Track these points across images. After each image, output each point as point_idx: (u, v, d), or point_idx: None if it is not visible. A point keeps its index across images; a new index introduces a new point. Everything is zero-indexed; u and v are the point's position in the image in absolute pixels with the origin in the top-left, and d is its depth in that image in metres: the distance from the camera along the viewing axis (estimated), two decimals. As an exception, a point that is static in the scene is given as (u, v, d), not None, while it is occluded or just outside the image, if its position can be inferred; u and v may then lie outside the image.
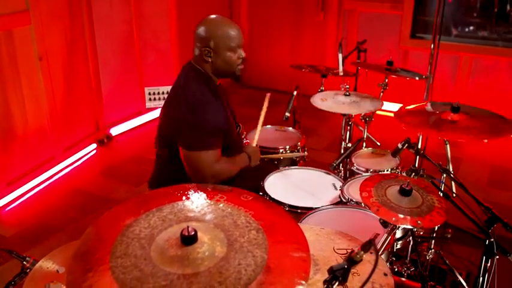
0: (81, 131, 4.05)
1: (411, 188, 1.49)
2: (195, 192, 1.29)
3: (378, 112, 4.33)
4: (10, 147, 3.31)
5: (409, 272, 2.21)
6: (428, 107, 2.31)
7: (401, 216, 1.41)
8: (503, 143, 4.46)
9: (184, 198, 1.25)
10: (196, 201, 1.25)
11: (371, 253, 1.40)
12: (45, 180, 3.59)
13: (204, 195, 1.27)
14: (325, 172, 2.36)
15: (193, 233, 1.06)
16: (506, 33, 4.90)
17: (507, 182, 3.69)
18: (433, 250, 2.37)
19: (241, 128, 2.25)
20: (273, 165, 2.49)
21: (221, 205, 1.23)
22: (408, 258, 2.26)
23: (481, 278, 1.72)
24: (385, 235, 1.53)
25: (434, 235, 2.30)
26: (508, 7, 5.07)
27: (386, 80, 3.04)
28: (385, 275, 1.30)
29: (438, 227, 2.44)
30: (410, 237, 2.09)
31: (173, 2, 4.58)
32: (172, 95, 2.06)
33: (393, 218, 1.40)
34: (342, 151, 2.79)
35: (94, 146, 4.17)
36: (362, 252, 1.01)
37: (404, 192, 1.49)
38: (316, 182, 2.27)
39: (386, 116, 5.06)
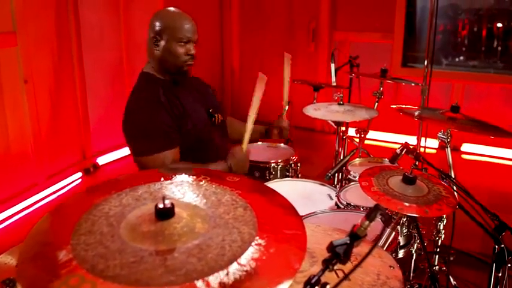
0: (67, 159, 3.89)
1: (415, 176, 1.36)
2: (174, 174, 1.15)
3: (368, 142, 4.26)
4: (-11, 171, 3.15)
5: (413, 289, 2.04)
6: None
7: (406, 204, 1.27)
8: (499, 169, 4.40)
9: (162, 178, 1.11)
10: (175, 181, 1.10)
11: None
12: (26, 207, 3.40)
13: (185, 176, 1.13)
14: (319, 183, 2.22)
15: (169, 205, 0.91)
16: (496, 62, 4.93)
17: (508, 205, 3.57)
18: (437, 267, 2.20)
19: (218, 117, 2.10)
20: (264, 180, 2.35)
21: (204, 184, 1.08)
22: (411, 276, 2.09)
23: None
24: (388, 230, 1.37)
25: (437, 250, 2.13)
26: (496, 42, 5.15)
27: (381, 89, 2.95)
28: (391, 267, 1.14)
29: (440, 244, 2.28)
30: (413, 249, 1.94)
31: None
32: None
33: (398, 207, 1.26)
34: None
35: (79, 174, 4.00)
36: (367, 223, 0.86)
37: (408, 181, 1.35)
38: (310, 193, 2.13)
39: (378, 145, 4.99)
